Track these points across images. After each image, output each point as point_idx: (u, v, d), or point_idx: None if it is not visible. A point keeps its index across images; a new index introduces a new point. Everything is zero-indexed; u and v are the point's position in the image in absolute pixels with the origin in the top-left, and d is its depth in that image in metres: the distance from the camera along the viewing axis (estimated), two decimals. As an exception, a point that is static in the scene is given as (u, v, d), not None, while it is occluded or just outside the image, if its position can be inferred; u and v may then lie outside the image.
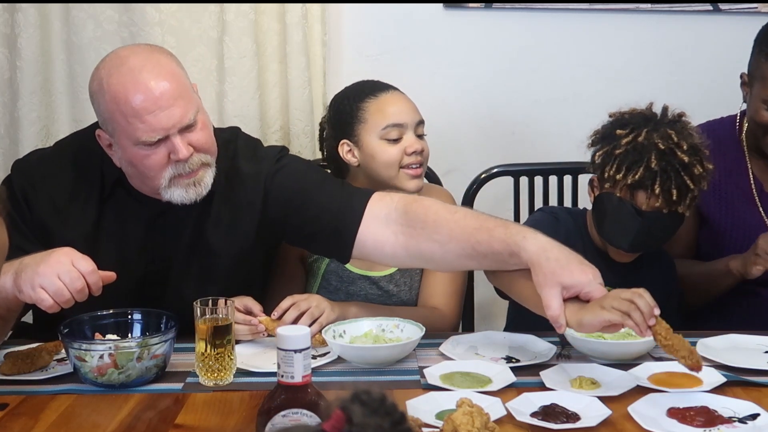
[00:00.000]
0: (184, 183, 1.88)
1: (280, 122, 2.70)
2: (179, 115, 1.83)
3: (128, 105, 1.81)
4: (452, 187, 2.58)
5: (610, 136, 2.01)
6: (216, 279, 1.99)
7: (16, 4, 2.54)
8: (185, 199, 1.90)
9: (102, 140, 1.93)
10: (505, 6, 2.77)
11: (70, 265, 1.70)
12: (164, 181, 1.87)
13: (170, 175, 1.87)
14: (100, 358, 1.71)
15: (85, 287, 1.71)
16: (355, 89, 2.24)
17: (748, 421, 1.55)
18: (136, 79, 1.82)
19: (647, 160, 1.92)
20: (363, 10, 2.77)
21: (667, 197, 1.93)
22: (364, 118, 2.17)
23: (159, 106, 1.81)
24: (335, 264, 2.20)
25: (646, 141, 1.94)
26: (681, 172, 1.93)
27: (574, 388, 1.69)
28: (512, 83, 2.80)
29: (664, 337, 1.64)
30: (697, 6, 2.75)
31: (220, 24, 2.62)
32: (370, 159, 2.15)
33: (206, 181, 1.91)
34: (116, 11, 2.60)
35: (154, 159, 1.85)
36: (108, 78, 1.84)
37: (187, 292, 1.91)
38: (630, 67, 2.82)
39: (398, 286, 2.22)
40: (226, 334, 1.75)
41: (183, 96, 1.85)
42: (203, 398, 1.70)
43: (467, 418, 1.40)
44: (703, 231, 2.28)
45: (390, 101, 2.19)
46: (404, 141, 2.17)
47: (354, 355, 1.85)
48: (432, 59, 2.81)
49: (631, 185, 1.95)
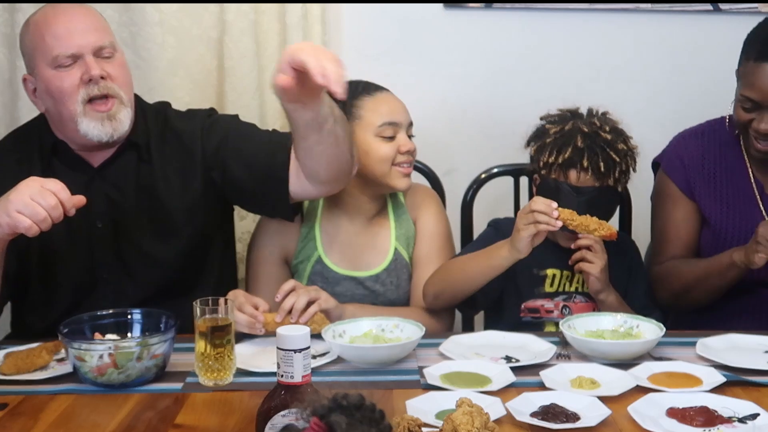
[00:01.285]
0: (98, 115, 1.99)
1: (281, 122, 2.70)
2: (94, 39, 2.00)
3: (47, 25, 1.99)
4: (452, 187, 2.58)
5: (542, 132, 2.20)
6: (173, 232, 2.11)
7: (16, 4, 2.55)
8: (101, 134, 2.01)
9: (27, 86, 2.07)
10: (505, 6, 2.77)
11: (40, 186, 1.78)
12: (79, 107, 1.99)
13: (83, 97, 1.98)
14: (99, 358, 1.71)
15: (59, 204, 1.77)
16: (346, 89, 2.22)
17: (748, 421, 1.55)
18: (57, 8, 2.03)
19: (574, 141, 2.12)
20: (363, 10, 2.77)
21: (596, 171, 2.10)
22: (359, 115, 2.17)
23: (75, 26, 1.99)
24: (320, 265, 2.21)
25: (572, 127, 2.15)
26: (606, 149, 2.11)
27: (573, 388, 1.69)
28: (512, 83, 2.80)
29: (571, 219, 1.94)
30: (697, 6, 2.75)
31: (220, 24, 2.62)
32: (364, 155, 2.16)
33: (121, 118, 2.02)
34: (116, 11, 2.60)
35: (67, 80, 1.98)
36: (33, 17, 2.05)
37: (147, 248, 2.09)
38: (630, 67, 2.82)
39: (384, 285, 2.22)
40: (226, 333, 1.75)
41: (100, 29, 2.03)
42: (203, 398, 1.70)
43: (467, 417, 1.40)
44: (705, 233, 2.28)
45: (385, 100, 2.20)
46: (398, 140, 2.18)
47: (354, 355, 1.85)
48: (432, 59, 2.81)
49: (562, 164, 2.12)
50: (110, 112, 2.01)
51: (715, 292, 2.19)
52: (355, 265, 2.23)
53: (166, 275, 2.11)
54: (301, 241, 2.23)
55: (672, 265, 2.26)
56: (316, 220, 2.24)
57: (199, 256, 2.16)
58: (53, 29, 1.99)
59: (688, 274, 2.21)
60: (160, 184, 2.10)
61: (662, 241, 2.31)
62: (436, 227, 2.27)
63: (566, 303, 2.18)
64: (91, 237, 2.08)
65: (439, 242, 2.26)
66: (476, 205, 2.52)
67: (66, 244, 2.06)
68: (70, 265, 2.08)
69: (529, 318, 2.19)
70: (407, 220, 2.27)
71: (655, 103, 2.81)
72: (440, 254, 2.25)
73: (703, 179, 2.27)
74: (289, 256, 2.25)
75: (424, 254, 2.25)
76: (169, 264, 2.11)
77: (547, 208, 1.95)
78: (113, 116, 2.01)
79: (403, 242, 2.25)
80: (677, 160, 2.30)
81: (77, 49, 1.98)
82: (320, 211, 2.25)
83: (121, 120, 2.03)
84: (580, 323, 1.98)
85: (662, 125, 2.47)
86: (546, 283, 2.20)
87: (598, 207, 2.08)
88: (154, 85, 2.61)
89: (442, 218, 2.30)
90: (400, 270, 2.24)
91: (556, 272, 2.19)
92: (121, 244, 2.09)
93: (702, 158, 2.28)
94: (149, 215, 2.10)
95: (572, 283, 2.20)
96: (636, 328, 1.96)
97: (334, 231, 2.24)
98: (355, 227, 2.25)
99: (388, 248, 2.24)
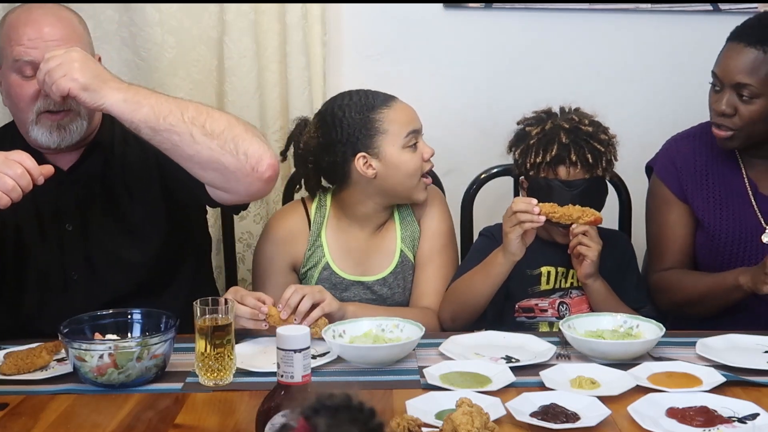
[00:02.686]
0: (48, 124, 2.00)
1: (280, 122, 2.70)
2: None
3: (15, 29, 1.99)
4: (452, 187, 2.58)
5: (523, 135, 2.23)
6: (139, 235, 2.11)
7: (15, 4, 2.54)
8: (49, 141, 2.02)
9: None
10: (505, 6, 2.77)
11: (4, 158, 1.80)
12: (32, 115, 2.00)
13: (38, 109, 1.98)
14: (99, 358, 1.71)
15: (25, 172, 1.78)
16: (357, 102, 2.17)
17: (748, 421, 1.55)
18: (30, 12, 2.00)
19: (558, 138, 2.15)
20: (363, 10, 2.77)
21: (584, 163, 2.14)
22: (383, 129, 2.14)
23: (44, 35, 1.96)
24: (328, 271, 2.21)
25: (552, 126, 2.18)
26: (589, 141, 2.15)
27: (573, 388, 1.69)
28: (512, 83, 2.80)
29: (553, 212, 1.99)
30: (697, 6, 2.75)
31: (220, 24, 2.62)
32: (394, 170, 2.14)
33: (73, 128, 2.02)
34: (116, 11, 2.60)
35: (26, 89, 1.98)
36: (10, 14, 2.03)
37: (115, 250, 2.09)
38: (630, 67, 2.82)
39: (391, 288, 2.22)
40: (226, 333, 1.75)
41: (70, 40, 1.98)
42: (203, 398, 1.70)
43: (467, 417, 1.40)
44: (699, 234, 2.27)
45: (403, 109, 2.19)
46: (420, 147, 2.18)
47: (354, 354, 1.85)
48: (432, 59, 2.81)
49: (551, 162, 2.14)
50: (62, 121, 2.01)
51: (719, 308, 2.19)
52: (363, 269, 2.23)
53: (135, 278, 2.11)
54: (309, 249, 2.23)
55: (674, 277, 2.25)
56: (323, 227, 2.24)
57: (170, 259, 2.15)
58: (20, 33, 1.97)
59: (691, 289, 2.21)
60: (122, 187, 2.11)
61: (658, 246, 2.31)
62: (439, 226, 2.27)
63: (563, 299, 2.18)
64: (62, 238, 2.08)
65: (443, 240, 2.26)
66: (476, 205, 2.52)
67: (37, 244, 2.07)
68: (41, 265, 2.08)
69: (524, 318, 2.19)
70: (412, 221, 2.27)
71: (654, 103, 2.81)
72: (443, 252, 2.25)
73: (695, 181, 2.26)
74: (297, 263, 2.24)
75: (427, 252, 2.25)
76: (138, 267, 2.11)
77: (528, 206, 1.99)
78: (64, 126, 2.02)
79: (409, 244, 2.25)
80: (670, 164, 2.30)
81: (38, 59, 1.93)
82: (327, 217, 2.24)
83: (71, 130, 2.02)
84: (580, 323, 1.98)
85: (661, 125, 2.47)
86: (542, 282, 2.20)
87: (590, 198, 2.13)
88: (154, 85, 2.60)
89: (446, 217, 2.30)
90: (407, 272, 2.24)
91: (550, 269, 2.19)
92: (91, 246, 2.09)
93: (694, 160, 2.28)
94: (114, 218, 2.11)
95: (567, 279, 2.20)
96: (636, 328, 1.96)
97: (341, 237, 2.24)
98: (362, 233, 2.25)
99: (394, 251, 2.24)
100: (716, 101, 2.16)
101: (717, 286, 2.16)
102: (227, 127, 1.92)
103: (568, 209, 2.03)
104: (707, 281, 2.19)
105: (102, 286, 2.09)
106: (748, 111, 2.12)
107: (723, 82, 2.14)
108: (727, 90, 2.13)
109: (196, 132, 1.90)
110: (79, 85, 1.86)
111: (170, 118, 1.89)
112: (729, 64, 2.13)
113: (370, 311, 2.08)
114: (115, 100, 1.88)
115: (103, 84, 1.88)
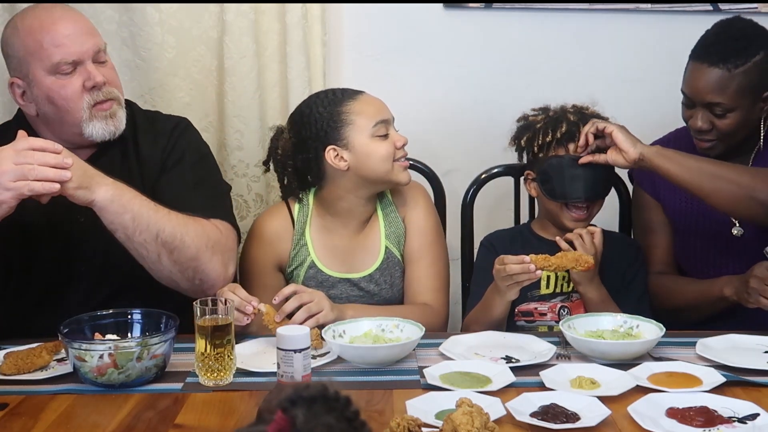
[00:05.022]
0: (102, 115, 2.03)
1: (280, 122, 2.69)
2: (92, 43, 2.03)
3: (44, 32, 1.98)
4: (452, 187, 2.58)
5: (527, 125, 2.26)
6: None
7: (16, 4, 2.54)
8: (105, 133, 2.05)
9: (15, 90, 2.05)
10: (505, 6, 2.77)
11: (12, 150, 1.81)
12: (84, 113, 2.02)
13: (88, 103, 2.01)
14: (99, 358, 1.71)
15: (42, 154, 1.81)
16: (323, 98, 2.21)
17: (748, 421, 1.55)
18: (51, 12, 2.03)
19: (565, 117, 2.21)
20: (363, 10, 2.77)
21: None
22: (350, 120, 2.16)
23: (74, 32, 2.00)
24: (314, 270, 2.22)
25: (557, 111, 2.25)
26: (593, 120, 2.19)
27: (573, 388, 1.70)
28: (512, 83, 2.80)
29: (547, 264, 1.95)
30: (697, 6, 2.75)
31: (220, 24, 2.62)
32: (365, 158, 2.15)
33: (119, 116, 2.08)
34: (116, 11, 2.60)
35: (70, 88, 2.00)
36: (22, 20, 2.03)
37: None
38: (630, 67, 2.82)
39: (378, 285, 2.23)
40: (226, 333, 1.75)
41: (92, 33, 2.06)
42: (203, 398, 1.70)
43: (467, 417, 1.40)
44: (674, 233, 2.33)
45: (369, 101, 2.20)
46: (391, 136, 2.18)
47: (354, 354, 1.85)
48: (432, 59, 2.81)
49: (560, 140, 2.19)
50: (111, 109, 2.05)
51: (708, 315, 2.22)
52: (348, 267, 2.23)
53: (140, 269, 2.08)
54: (294, 248, 2.23)
55: (663, 286, 2.28)
56: (307, 226, 2.24)
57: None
58: (52, 36, 1.99)
59: (679, 297, 2.25)
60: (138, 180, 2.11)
61: (645, 250, 2.33)
62: (425, 222, 2.27)
63: (564, 303, 2.18)
64: (72, 231, 2.08)
65: (430, 237, 2.27)
66: (476, 205, 2.52)
67: (46, 237, 2.07)
68: (48, 257, 2.08)
69: (523, 322, 2.19)
70: (396, 218, 2.27)
71: (655, 103, 2.80)
72: (431, 248, 2.26)
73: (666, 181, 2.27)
74: (283, 263, 2.25)
75: (416, 250, 2.25)
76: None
77: (523, 267, 1.94)
78: (113, 114, 2.06)
79: (394, 240, 2.25)
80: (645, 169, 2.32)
81: (78, 56, 2.01)
82: (310, 216, 2.25)
83: (119, 118, 2.08)
84: (580, 323, 1.98)
85: (661, 125, 2.47)
86: (542, 285, 2.20)
87: (599, 174, 2.18)
88: (154, 85, 2.61)
89: (431, 212, 2.30)
90: (393, 268, 2.25)
91: (550, 273, 2.18)
92: (102, 238, 2.07)
93: None
94: None
95: (569, 283, 2.20)
96: (636, 328, 1.96)
97: (325, 235, 2.24)
98: (346, 230, 2.25)
99: (379, 248, 2.25)
100: (692, 119, 2.20)
101: (702, 296, 2.20)
102: (194, 256, 1.99)
103: (561, 260, 1.97)
104: (694, 289, 2.23)
105: (108, 280, 2.09)
106: (724, 125, 2.17)
107: (694, 101, 2.18)
108: (699, 108, 2.17)
109: (163, 255, 1.96)
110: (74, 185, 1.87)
111: (145, 234, 1.94)
112: (697, 85, 2.17)
113: (370, 312, 2.08)
114: (103, 198, 1.90)
115: (90, 179, 1.90)
